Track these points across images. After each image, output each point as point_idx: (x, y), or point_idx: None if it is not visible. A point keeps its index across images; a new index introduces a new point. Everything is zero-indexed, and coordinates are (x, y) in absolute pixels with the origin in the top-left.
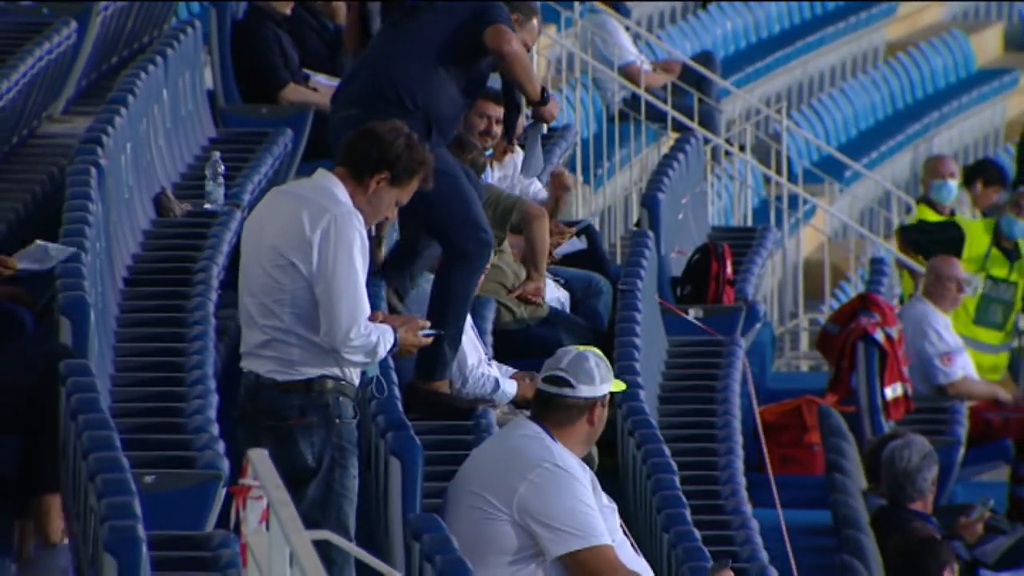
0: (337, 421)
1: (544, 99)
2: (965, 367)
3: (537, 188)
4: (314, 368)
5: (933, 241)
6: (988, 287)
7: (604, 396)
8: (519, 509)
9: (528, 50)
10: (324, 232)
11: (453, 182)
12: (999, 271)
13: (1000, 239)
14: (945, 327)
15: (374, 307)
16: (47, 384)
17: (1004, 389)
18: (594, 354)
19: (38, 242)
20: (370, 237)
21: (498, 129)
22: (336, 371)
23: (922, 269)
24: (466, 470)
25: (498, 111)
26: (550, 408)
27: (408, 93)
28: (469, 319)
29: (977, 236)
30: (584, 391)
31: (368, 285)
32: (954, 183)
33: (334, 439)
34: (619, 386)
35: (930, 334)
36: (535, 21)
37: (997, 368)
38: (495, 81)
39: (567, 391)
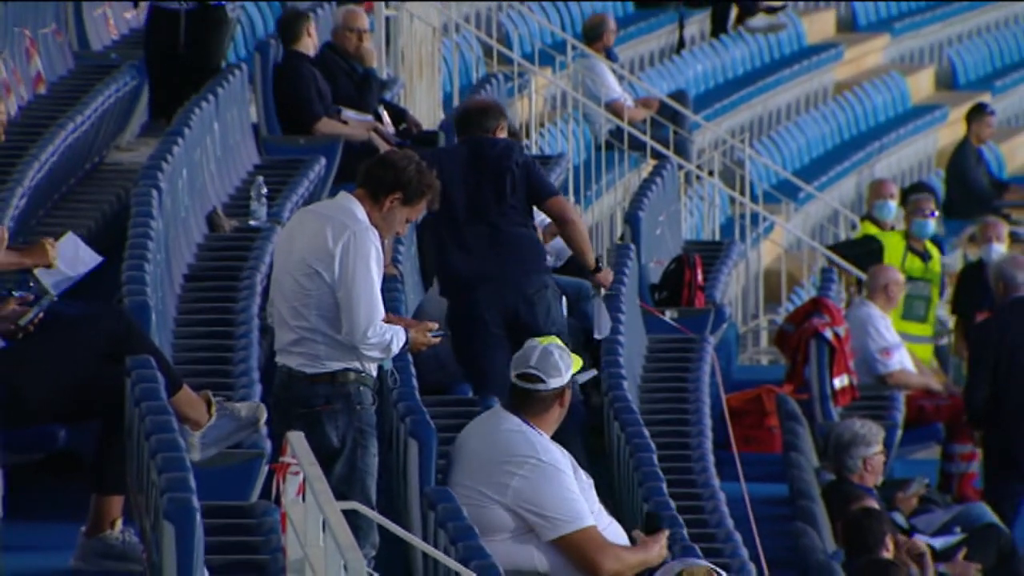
0: (358, 407)
1: (598, 268)
2: (902, 361)
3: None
4: (338, 362)
5: (858, 255)
6: (910, 287)
7: (570, 381)
8: (513, 500)
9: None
10: (345, 246)
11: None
12: (916, 271)
13: (912, 243)
14: (885, 326)
15: (395, 312)
16: (110, 367)
17: (935, 380)
18: (556, 347)
19: (70, 233)
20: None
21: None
22: (357, 365)
23: (864, 276)
24: (455, 463)
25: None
26: (527, 401)
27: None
28: None
29: (893, 245)
30: (554, 383)
31: (383, 291)
32: (894, 203)
33: (355, 423)
34: (578, 363)
35: (871, 331)
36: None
37: (923, 358)
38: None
39: (540, 386)
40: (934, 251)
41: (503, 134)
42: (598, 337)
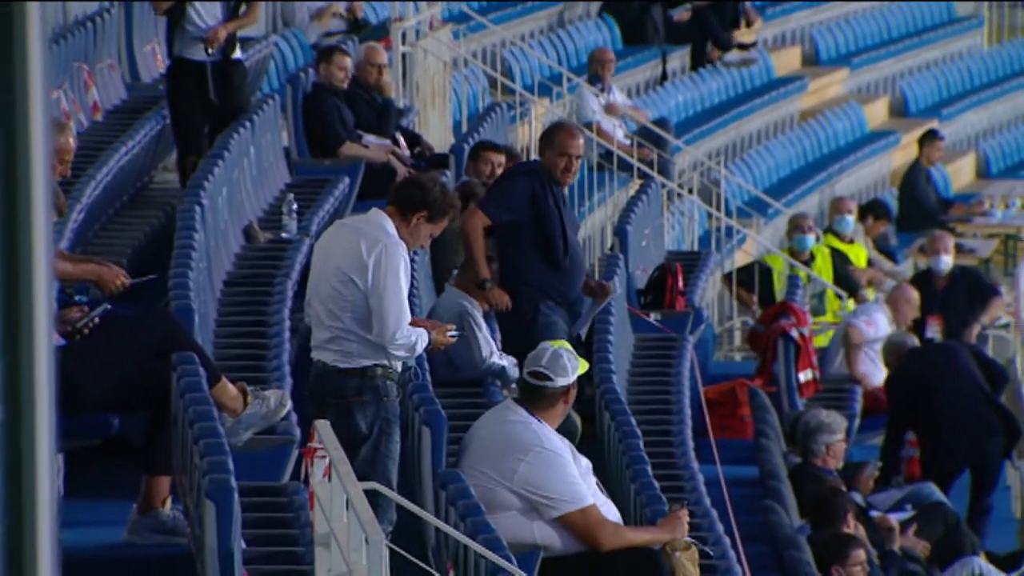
0: (384, 399)
1: (483, 285)
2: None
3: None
4: (368, 359)
5: (751, 277)
6: (809, 289)
7: (575, 381)
8: (519, 484)
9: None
10: (377, 257)
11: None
12: (804, 276)
13: (796, 256)
14: (882, 322)
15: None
16: (158, 363)
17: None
18: (566, 350)
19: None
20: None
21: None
22: (385, 361)
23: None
24: (467, 449)
25: (499, 157)
26: (535, 397)
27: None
28: (483, 323)
29: (778, 264)
30: (561, 382)
31: (410, 297)
32: (852, 218)
33: (382, 413)
34: (584, 366)
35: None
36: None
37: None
38: (492, 135)
39: (548, 384)
40: (818, 252)
41: (558, 150)
42: (573, 333)
